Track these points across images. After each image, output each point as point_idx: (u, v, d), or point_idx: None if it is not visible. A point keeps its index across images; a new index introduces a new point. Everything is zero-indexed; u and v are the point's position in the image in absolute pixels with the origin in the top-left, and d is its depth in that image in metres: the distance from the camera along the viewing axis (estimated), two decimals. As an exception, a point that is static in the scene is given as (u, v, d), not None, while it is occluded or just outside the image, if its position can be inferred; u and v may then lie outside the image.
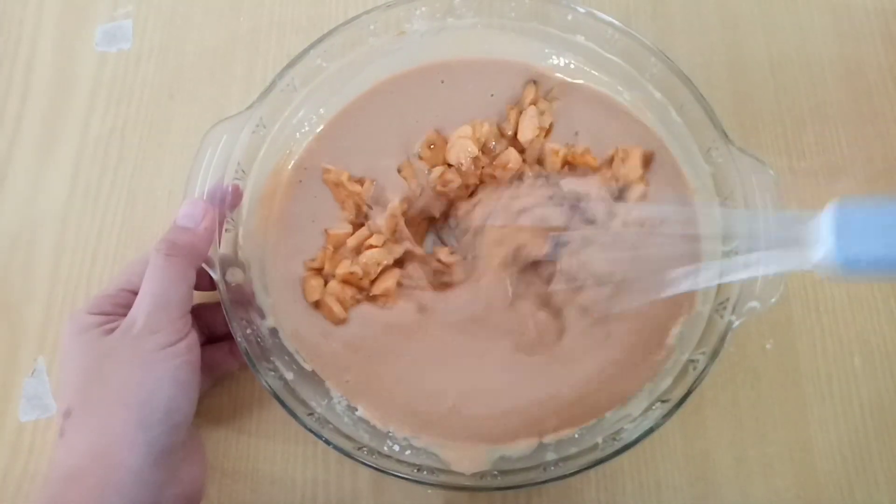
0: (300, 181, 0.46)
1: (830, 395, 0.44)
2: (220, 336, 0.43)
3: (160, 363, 0.36)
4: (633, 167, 0.45)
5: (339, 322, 0.43)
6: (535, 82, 0.48)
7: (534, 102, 0.47)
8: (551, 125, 0.47)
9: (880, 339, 0.45)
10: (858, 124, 0.51)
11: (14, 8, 0.56)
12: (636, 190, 0.45)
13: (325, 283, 0.44)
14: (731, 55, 0.53)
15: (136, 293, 0.38)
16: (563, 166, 0.46)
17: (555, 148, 0.46)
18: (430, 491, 0.42)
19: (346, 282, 0.44)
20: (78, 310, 0.39)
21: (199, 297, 0.44)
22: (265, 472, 0.43)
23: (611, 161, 0.46)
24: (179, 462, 0.37)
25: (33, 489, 0.43)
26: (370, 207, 0.45)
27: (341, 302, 0.43)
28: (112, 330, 0.37)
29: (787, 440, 0.43)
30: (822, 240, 0.25)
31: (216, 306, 0.41)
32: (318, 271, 0.44)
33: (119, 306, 0.39)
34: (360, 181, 0.46)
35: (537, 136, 0.46)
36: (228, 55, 0.54)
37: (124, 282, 0.40)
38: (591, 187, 0.45)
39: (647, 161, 0.46)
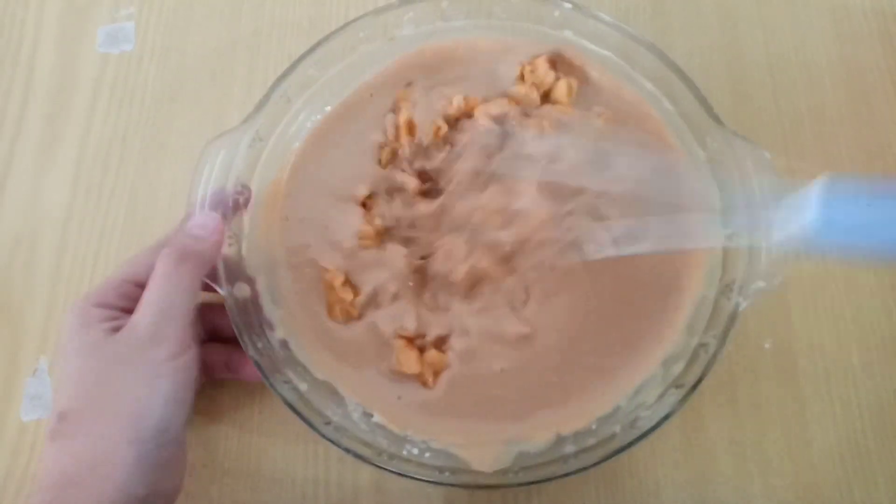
0: (288, 196, 0.45)
1: (829, 394, 0.44)
2: (223, 337, 0.44)
3: (162, 378, 0.36)
4: (544, 72, 0.47)
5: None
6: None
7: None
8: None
9: (878, 338, 0.45)
10: (857, 125, 0.51)
11: (16, 9, 0.56)
12: (561, 86, 0.46)
13: (421, 350, 0.43)
14: (730, 55, 0.53)
15: (140, 286, 0.38)
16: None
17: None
18: (429, 490, 0.43)
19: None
20: (81, 300, 0.39)
21: (205, 296, 0.44)
22: (266, 472, 0.43)
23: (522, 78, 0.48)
24: (162, 474, 0.37)
25: (34, 490, 0.43)
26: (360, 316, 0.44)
27: (436, 372, 0.42)
28: (116, 329, 0.37)
29: (786, 439, 0.43)
30: (809, 205, 0.28)
31: (221, 307, 0.41)
32: (411, 341, 0.43)
33: (123, 298, 0.39)
34: (356, 290, 0.44)
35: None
36: (230, 57, 0.54)
37: (130, 273, 0.40)
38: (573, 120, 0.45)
39: (554, 63, 0.47)
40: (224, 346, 0.43)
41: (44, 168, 0.52)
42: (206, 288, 0.42)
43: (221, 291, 0.40)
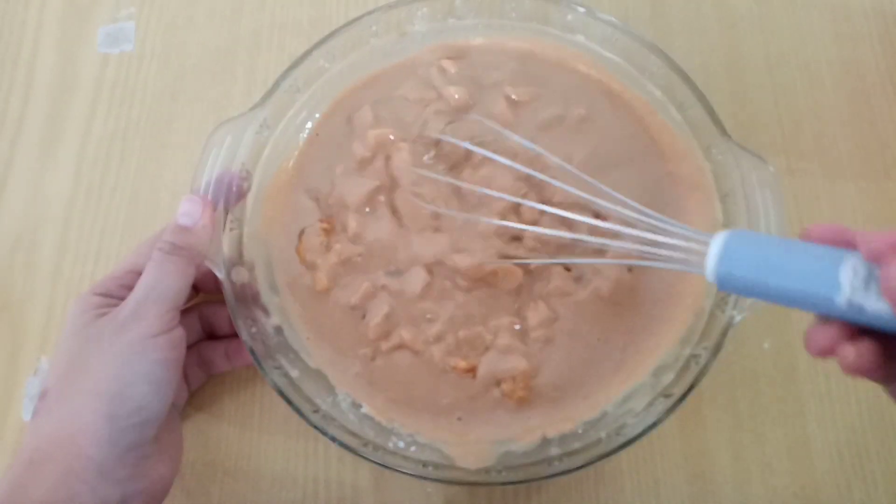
0: (293, 190, 0.46)
1: (828, 393, 0.44)
2: (221, 335, 0.44)
3: (139, 356, 0.36)
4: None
5: None
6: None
7: None
8: None
9: (878, 338, 0.46)
10: (856, 126, 0.51)
11: (16, 9, 0.57)
12: None
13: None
14: (730, 56, 0.53)
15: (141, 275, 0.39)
16: None
17: None
18: (429, 489, 0.43)
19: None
20: (84, 291, 0.39)
21: (203, 296, 0.44)
22: (266, 471, 0.43)
23: None
24: (146, 458, 0.37)
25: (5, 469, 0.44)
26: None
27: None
28: (107, 314, 0.38)
29: (785, 439, 0.43)
30: (711, 256, 0.31)
31: (220, 305, 0.41)
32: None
33: (124, 288, 0.39)
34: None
35: None
36: (230, 56, 0.54)
37: (132, 264, 0.40)
38: None
39: None
40: (221, 341, 0.44)
41: (45, 167, 0.52)
42: (205, 288, 0.42)
43: (219, 274, 0.41)
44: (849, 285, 0.27)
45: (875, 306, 0.26)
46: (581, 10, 0.47)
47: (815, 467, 0.43)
